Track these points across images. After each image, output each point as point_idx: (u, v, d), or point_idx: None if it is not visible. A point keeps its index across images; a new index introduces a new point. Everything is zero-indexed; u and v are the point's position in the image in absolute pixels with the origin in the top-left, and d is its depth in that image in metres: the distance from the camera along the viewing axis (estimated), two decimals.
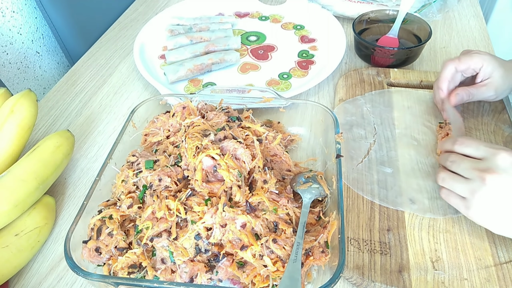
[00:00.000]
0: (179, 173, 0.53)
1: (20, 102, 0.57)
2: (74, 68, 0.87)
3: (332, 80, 0.79)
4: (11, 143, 0.56)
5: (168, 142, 0.60)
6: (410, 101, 0.70)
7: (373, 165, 0.60)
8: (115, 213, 0.50)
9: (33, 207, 0.54)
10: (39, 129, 0.73)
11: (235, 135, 0.56)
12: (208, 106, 0.64)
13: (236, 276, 0.46)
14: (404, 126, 0.66)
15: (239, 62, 0.84)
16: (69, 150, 0.60)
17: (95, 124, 0.73)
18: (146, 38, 0.89)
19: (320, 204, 0.54)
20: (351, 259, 0.49)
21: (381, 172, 0.59)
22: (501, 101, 0.68)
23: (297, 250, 0.45)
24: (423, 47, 0.76)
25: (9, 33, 0.86)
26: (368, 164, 0.60)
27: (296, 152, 0.64)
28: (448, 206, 0.54)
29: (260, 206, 0.50)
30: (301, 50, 0.86)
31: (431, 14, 0.93)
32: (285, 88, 0.77)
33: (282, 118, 0.68)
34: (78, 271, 0.43)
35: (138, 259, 0.47)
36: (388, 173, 0.59)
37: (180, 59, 0.82)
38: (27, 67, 0.92)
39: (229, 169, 0.50)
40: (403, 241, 0.51)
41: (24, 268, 0.53)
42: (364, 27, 0.83)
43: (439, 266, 0.48)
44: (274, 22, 0.96)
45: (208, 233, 0.48)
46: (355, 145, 0.63)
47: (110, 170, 0.55)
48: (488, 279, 0.47)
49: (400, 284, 0.46)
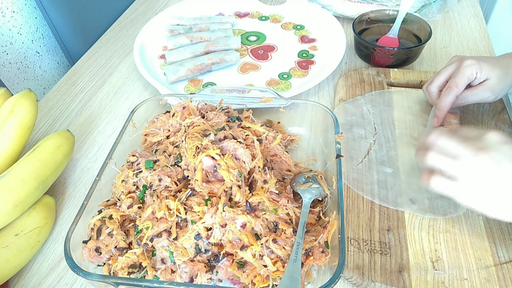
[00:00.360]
0: (179, 173, 0.53)
1: (20, 102, 0.57)
2: (74, 68, 0.87)
3: (332, 80, 0.79)
4: (11, 143, 0.56)
5: (168, 142, 0.60)
6: (410, 101, 0.70)
7: (373, 165, 0.60)
8: (115, 213, 0.50)
9: (33, 207, 0.54)
10: (39, 129, 0.73)
11: (235, 135, 0.56)
12: (208, 106, 0.64)
13: (236, 276, 0.46)
14: (404, 126, 0.65)
15: (239, 62, 0.84)
16: (69, 150, 0.60)
17: (95, 124, 0.73)
18: (146, 38, 0.89)
19: (320, 204, 0.54)
20: (351, 259, 0.49)
21: (381, 172, 0.59)
22: (501, 101, 0.68)
23: (297, 250, 0.45)
24: (423, 47, 0.76)
25: (9, 33, 0.86)
26: (368, 164, 0.60)
27: (296, 152, 0.64)
28: (448, 206, 0.54)
29: (260, 206, 0.50)
30: (301, 50, 0.86)
31: (431, 14, 0.93)
32: (285, 88, 0.77)
33: (282, 118, 0.68)
34: (78, 271, 0.43)
35: (138, 259, 0.47)
36: (388, 173, 0.59)
37: (180, 59, 0.82)
38: (27, 67, 0.92)
39: (229, 169, 0.50)
40: (403, 241, 0.51)
41: (24, 268, 0.53)
42: (364, 27, 0.83)
43: (439, 266, 0.48)
44: (274, 22, 0.96)
45: (208, 233, 0.48)
46: (355, 145, 0.63)
47: (110, 170, 0.55)
48: (488, 279, 0.47)
49: (400, 284, 0.46)
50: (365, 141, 0.63)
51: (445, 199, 0.54)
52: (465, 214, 0.53)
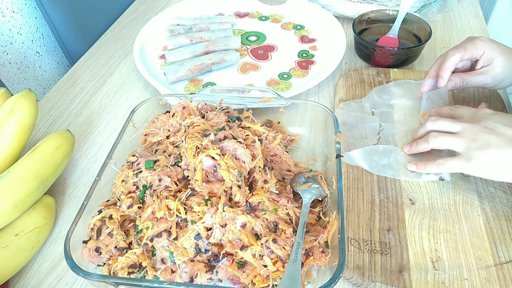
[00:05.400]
0: (179, 173, 0.53)
1: (20, 102, 0.57)
2: (74, 68, 0.87)
3: (332, 80, 0.79)
4: (11, 143, 0.56)
5: (168, 142, 0.60)
6: (410, 100, 0.70)
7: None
8: (115, 213, 0.50)
9: (33, 207, 0.54)
10: (39, 129, 0.73)
11: (235, 135, 0.56)
12: (208, 106, 0.64)
13: (236, 276, 0.46)
14: (404, 124, 0.65)
15: (239, 62, 0.84)
16: (69, 150, 0.60)
17: (95, 124, 0.73)
18: (146, 38, 0.89)
19: (320, 204, 0.54)
20: (351, 259, 0.49)
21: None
22: (501, 101, 0.68)
23: (297, 250, 0.45)
24: (423, 47, 0.76)
25: (9, 33, 0.86)
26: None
27: (296, 152, 0.64)
28: (448, 206, 0.54)
29: (260, 206, 0.50)
30: (301, 50, 0.86)
31: (431, 14, 0.93)
32: (285, 88, 0.77)
33: (282, 118, 0.68)
34: (78, 271, 0.43)
35: (138, 259, 0.47)
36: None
37: (180, 59, 0.82)
38: (27, 67, 0.92)
39: (229, 169, 0.50)
40: (403, 241, 0.51)
41: (24, 268, 0.53)
42: (364, 27, 0.83)
43: (439, 266, 0.48)
44: (274, 22, 0.96)
45: (208, 233, 0.48)
46: (359, 145, 0.63)
47: (110, 170, 0.55)
48: (488, 279, 0.46)
49: (401, 284, 0.46)
50: (367, 140, 0.63)
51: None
52: (465, 214, 0.53)
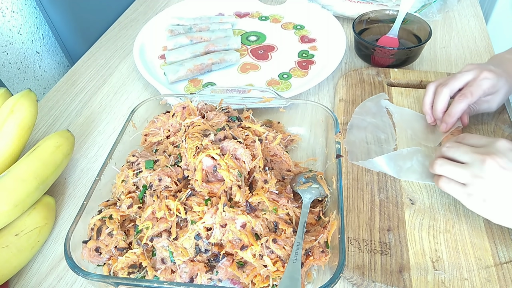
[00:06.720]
0: (179, 173, 0.53)
1: (20, 102, 0.57)
2: (74, 68, 0.87)
3: (332, 80, 0.79)
4: (11, 143, 0.56)
5: (168, 142, 0.60)
6: (410, 101, 0.70)
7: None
8: (115, 213, 0.50)
9: (33, 207, 0.54)
10: (39, 129, 0.73)
11: (235, 135, 0.56)
12: (208, 106, 0.64)
13: (236, 276, 0.46)
14: (404, 126, 0.65)
15: (239, 62, 0.84)
16: (69, 150, 0.60)
17: (95, 124, 0.73)
18: (146, 38, 0.89)
19: (320, 204, 0.54)
20: (351, 259, 0.49)
21: (381, 172, 0.59)
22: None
23: (297, 250, 0.45)
24: (423, 47, 0.76)
25: (9, 33, 0.86)
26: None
27: (296, 152, 0.64)
28: (448, 206, 0.54)
29: (260, 206, 0.50)
30: (301, 50, 0.86)
31: (431, 14, 0.93)
32: (285, 88, 0.77)
33: (282, 118, 0.68)
34: (78, 271, 0.43)
35: (138, 259, 0.47)
36: (388, 173, 0.59)
37: (180, 59, 0.82)
38: (27, 67, 0.92)
39: (229, 169, 0.50)
40: (404, 241, 0.51)
41: (24, 268, 0.53)
42: (364, 27, 0.83)
43: (439, 266, 0.48)
44: (274, 22, 0.96)
45: (208, 233, 0.48)
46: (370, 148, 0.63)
47: (110, 170, 0.55)
48: (488, 279, 0.46)
49: (401, 284, 0.46)
50: (387, 145, 0.63)
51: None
52: (465, 214, 0.53)
